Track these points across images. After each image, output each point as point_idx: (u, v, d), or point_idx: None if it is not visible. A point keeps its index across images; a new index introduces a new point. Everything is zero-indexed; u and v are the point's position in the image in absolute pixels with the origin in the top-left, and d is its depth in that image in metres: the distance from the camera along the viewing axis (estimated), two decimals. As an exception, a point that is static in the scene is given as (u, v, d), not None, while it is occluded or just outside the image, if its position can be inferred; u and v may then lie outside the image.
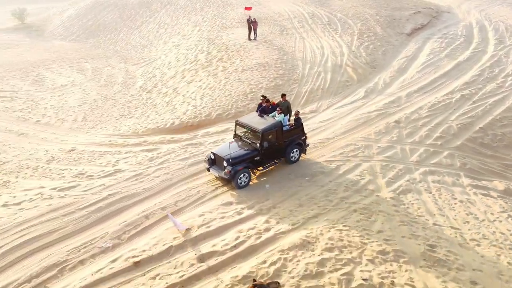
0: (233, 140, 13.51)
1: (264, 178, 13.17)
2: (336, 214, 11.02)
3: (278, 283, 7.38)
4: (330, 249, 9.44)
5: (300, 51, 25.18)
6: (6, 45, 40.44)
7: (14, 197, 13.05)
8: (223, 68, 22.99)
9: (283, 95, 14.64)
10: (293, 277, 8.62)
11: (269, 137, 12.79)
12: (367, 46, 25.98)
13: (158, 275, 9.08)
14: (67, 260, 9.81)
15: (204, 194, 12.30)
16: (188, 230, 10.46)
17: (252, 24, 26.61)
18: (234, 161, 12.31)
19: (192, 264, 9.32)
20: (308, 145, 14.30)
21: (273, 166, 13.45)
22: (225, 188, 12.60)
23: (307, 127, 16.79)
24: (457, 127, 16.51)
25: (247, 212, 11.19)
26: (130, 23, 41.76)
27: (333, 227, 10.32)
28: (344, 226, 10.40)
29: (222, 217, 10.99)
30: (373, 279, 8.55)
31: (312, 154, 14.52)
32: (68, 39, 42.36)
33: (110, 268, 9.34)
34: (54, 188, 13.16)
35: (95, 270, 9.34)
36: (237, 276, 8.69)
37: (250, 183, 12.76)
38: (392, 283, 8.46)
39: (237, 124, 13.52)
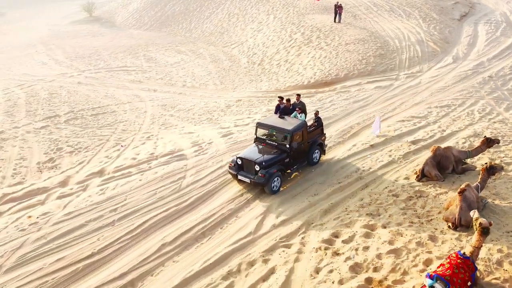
0: (255, 143, 13.19)
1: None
2: (484, 126, 16.07)
3: (499, 140, 12.39)
4: (494, 136, 14.52)
5: (382, 31, 30.31)
6: (90, 34, 45.33)
7: (234, 121, 18.04)
8: (325, 44, 28.03)
9: (298, 95, 14.95)
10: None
11: (297, 137, 12.65)
12: (434, 27, 31.15)
13: (390, 150, 14.14)
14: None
15: (384, 113, 17.41)
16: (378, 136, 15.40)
17: (338, 9, 31.68)
18: (267, 164, 12.02)
19: (409, 145, 14.37)
20: (327, 145, 14.37)
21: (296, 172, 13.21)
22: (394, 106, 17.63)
23: (421, 81, 21.96)
24: (537, 80, 21.72)
25: (420, 124, 16.26)
26: (199, 14, 46.69)
27: (488, 128, 15.42)
28: (494, 129, 15.48)
29: (405, 127, 16.06)
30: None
31: (437, 96, 19.61)
32: (142, 28, 47.32)
33: (356, 148, 14.41)
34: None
35: (347, 149, 14.40)
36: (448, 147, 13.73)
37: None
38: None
39: (259, 126, 13.10)
